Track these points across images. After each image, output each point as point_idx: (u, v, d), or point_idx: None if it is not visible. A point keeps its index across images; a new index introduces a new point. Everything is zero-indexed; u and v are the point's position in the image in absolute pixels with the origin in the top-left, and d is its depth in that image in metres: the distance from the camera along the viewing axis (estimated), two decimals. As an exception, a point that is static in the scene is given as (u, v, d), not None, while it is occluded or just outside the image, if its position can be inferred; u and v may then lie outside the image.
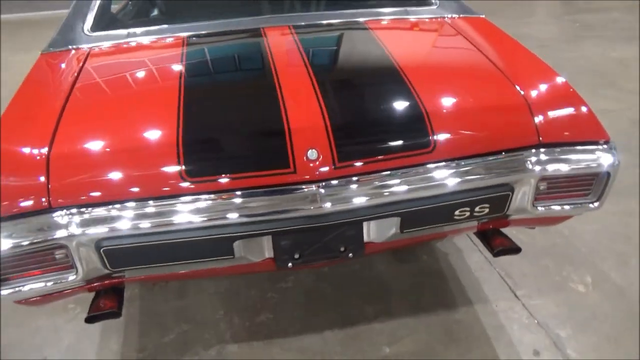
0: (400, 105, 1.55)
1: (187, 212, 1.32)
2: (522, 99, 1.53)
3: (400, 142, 1.44)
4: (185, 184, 1.33)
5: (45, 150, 1.36)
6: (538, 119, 1.50)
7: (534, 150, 1.47)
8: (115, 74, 1.80)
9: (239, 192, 1.35)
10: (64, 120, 1.47)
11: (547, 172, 1.47)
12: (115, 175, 1.34)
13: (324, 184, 1.36)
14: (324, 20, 2.12)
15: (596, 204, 1.55)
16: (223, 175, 1.35)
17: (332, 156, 1.37)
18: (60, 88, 1.63)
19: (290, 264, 1.49)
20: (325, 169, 1.36)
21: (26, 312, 2.10)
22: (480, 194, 1.47)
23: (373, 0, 2.62)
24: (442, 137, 1.44)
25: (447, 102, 1.55)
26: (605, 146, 1.50)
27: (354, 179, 1.38)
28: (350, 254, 1.51)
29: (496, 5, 7.40)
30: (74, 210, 1.30)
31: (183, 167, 1.34)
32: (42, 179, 1.31)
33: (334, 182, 1.37)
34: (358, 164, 1.39)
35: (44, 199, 1.29)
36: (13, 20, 7.86)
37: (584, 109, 1.55)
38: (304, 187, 1.35)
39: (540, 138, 1.49)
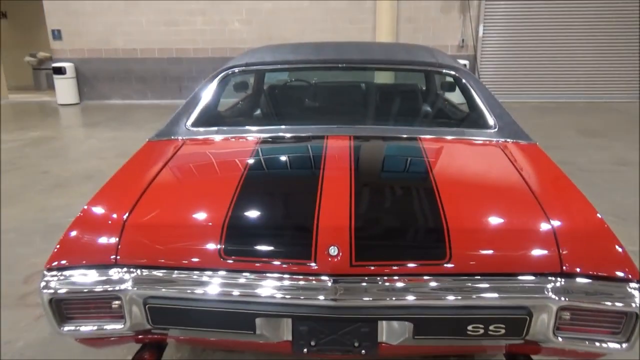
0: (423, 217, 1.68)
1: (219, 285, 1.53)
2: (549, 227, 1.58)
3: (415, 251, 1.55)
4: (220, 261, 1.56)
5: (125, 216, 1.69)
6: (563, 248, 1.52)
7: (553, 278, 1.49)
8: (197, 162, 2.17)
9: (265, 274, 1.54)
10: (145, 196, 1.81)
11: (567, 302, 1.47)
12: (170, 245, 1.62)
13: (339, 278, 1.50)
14: (383, 134, 2.35)
15: (625, 346, 1.49)
16: (253, 258, 1.56)
17: (351, 255, 1.51)
18: (152, 169, 2.01)
19: (305, 350, 1.60)
20: (343, 265, 1.51)
21: (95, 352, 2.38)
22: (495, 313, 1.49)
23: (442, 119, 2.83)
24: (459, 252, 1.52)
25: (471, 220, 1.65)
26: (636, 285, 1.47)
27: (367, 278, 1.51)
28: (363, 351, 1.58)
29: (618, 126, 7.16)
30: (132, 269, 1.58)
31: (222, 246, 1.57)
32: (116, 239, 1.62)
33: (349, 278, 1.50)
34: (373, 265, 1.52)
35: (112, 256, 1.59)
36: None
37: (615, 245, 1.55)
38: (321, 278, 1.51)
39: (564, 267, 1.50)
